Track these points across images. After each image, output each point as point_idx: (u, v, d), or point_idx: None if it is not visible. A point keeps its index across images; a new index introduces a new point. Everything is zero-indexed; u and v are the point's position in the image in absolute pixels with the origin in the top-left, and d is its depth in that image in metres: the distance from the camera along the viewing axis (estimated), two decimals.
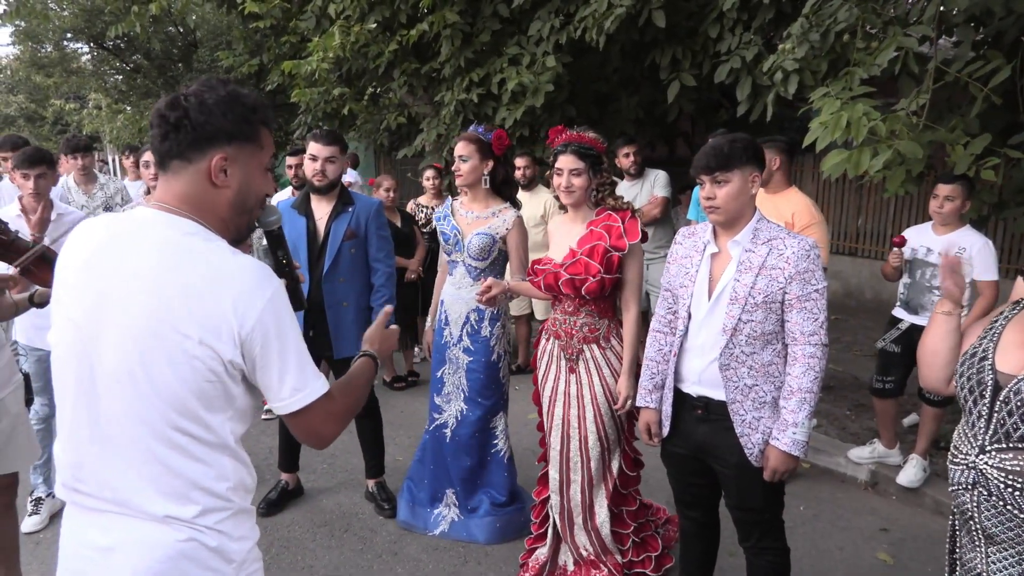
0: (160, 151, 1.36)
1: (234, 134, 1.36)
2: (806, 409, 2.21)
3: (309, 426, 1.41)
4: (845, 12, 4.16)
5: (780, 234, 2.26)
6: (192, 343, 1.27)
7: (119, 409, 1.30)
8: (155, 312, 1.27)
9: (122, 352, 1.29)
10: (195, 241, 1.33)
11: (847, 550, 3.35)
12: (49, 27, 11.69)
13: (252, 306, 1.30)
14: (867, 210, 7.75)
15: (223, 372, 1.31)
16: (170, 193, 1.37)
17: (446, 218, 3.34)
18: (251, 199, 1.44)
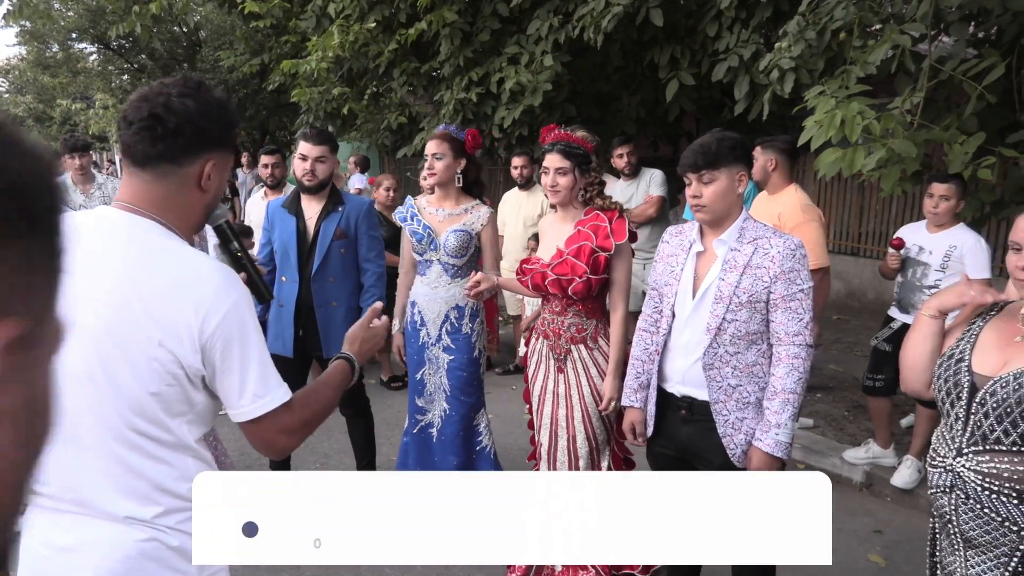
0: (147, 153, 1.32)
1: (222, 141, 1.38)
2: (789, 410, 2.19)
3: (265, 435, 1.38)
4: (842, 10, 4.14)
5: (766, 233, 2.24)
6: (152, 346, 1.27)
7: (81, 410, 1.29)
8: (116, 313, 1.27)
9: (83, 353, 1.27)
10: (161, 242, 1.33)
11: (840, 552, 3.32)
12: (54, 28, 11.76)
13: (214, 311, 1.29)
14: (869, 210, 7.70)
15: (183, 376, 1.30)
16: (143, 195, 1.35)
17: (413, 218, 3.31)
18: (217, 201, 1.47)
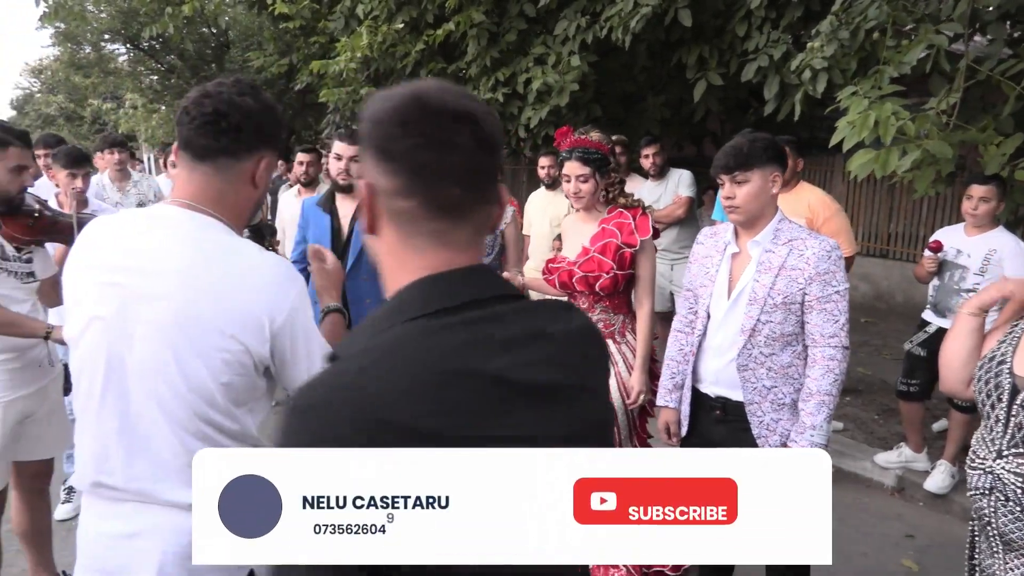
0: (209, 147, 1.37)
1: (273, 141, 1.45)
2: (825, 412, 2.18)
3: None
4: (875, 10, 4.10)
5: (801, 234, 2.23)
6: (224, 338, 1.31)
7: (149, 402, 1.33)
8: (186, 307, 1.31)
9: (153, 346, 1.32)
10: (222, 237, 1.37)
11: (871, 556, 3.30)
12: (87, 29, 11.97)
13: (282, 302, 1.34)
14: (899, 211, 7.62)
15: (251, 366, 1.34)
16: (201, 190, 1.39)
17: None
18: (263, 200, 1.53)
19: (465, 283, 0.88)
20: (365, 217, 0.90)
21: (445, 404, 0.84)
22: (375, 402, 0.81)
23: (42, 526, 2.90)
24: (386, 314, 0.86)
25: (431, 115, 0.84)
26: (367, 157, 0.87)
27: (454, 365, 0.84)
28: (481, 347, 0.85)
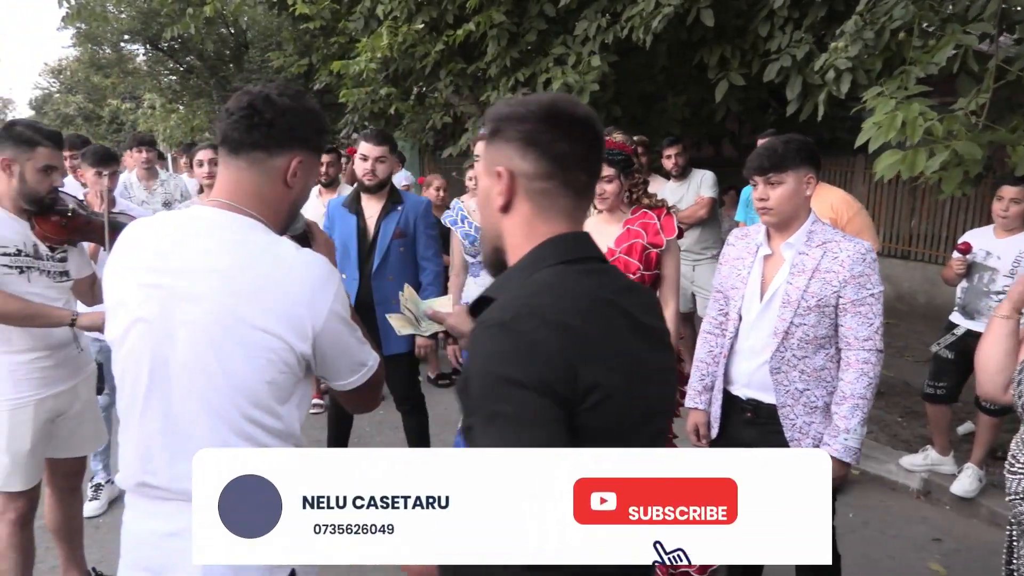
0: (243, 139, 1.40)
1: (312, 143, 1.46)
2: (859, 415, 2.18)
3: (364, 397, 1.54)
4: (901, 9, 4.07)
5: (835, 237, 2.23)
6: (266, 336, 1.32)
7: (193, 402, 1.35)
8: (228, 307, 1.32)
9: (197, 346, 1.33)
10: (261, 237, 1.39)
11: (898, 559, 3.28)
12: (108, 29, 12.08)
13: (324, 300, 1.36)
14: (921, 212, 7.56)
15: (294, 363, 1.36)
16: (238, 186, 1.41)
17: (464, 220, 3.33)
18: (301, 203, 1.53)
19: (580, 243, 1.15)
20: (501, 198, 1.14)
21: (596, 317, 1.06)
22: (553, 310, 1.02)
23: (74, 523, 2.93)
24: (527, 264, 1.12)
25: (565, 117, 1.12)
26: (507, 148, 1.13)
27: (596, 294, 1.09)
28: (607, 287, 1.11)
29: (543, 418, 0.98)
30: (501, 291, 1.10)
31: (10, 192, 2.48)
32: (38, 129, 2.52)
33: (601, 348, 1.04)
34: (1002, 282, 3.52)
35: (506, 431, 0.98)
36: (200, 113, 13.54)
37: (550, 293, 1.05)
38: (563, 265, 1.09)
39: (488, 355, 1.01)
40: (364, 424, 4.46)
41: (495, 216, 1.17)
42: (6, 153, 2.45)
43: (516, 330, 1.00)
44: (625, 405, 1.06)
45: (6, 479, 2.55)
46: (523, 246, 1.14)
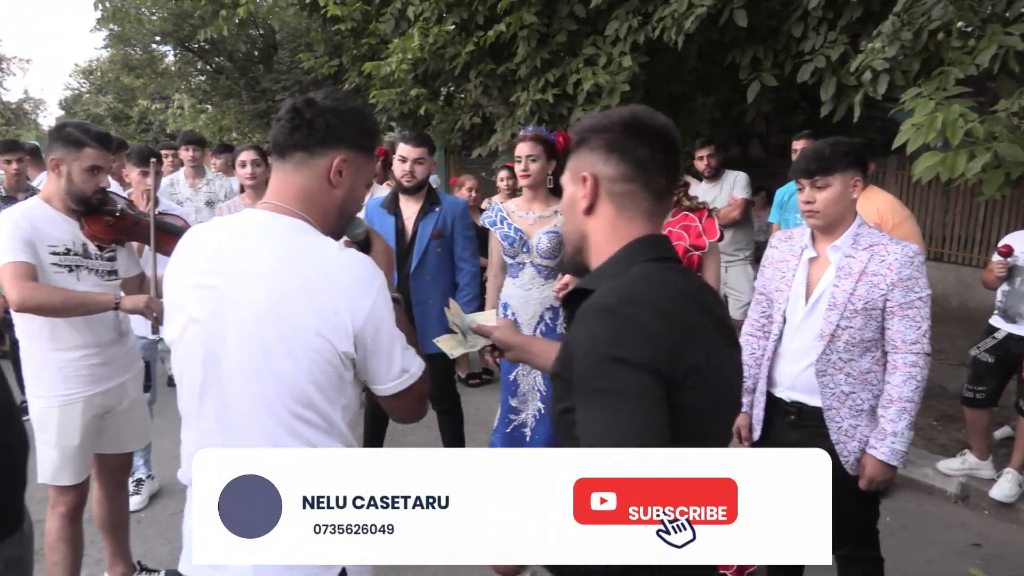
0: (286, 142, 1.45)
1: (356, 142, 1.47)
2: (906, 419, 2.18)
3: (407, 405, 1.51)
4: (940, 9, 4.04)
5: (882, 240, 2.22)
6: (311, 336, 1.34)
7: (244, 400, 1.38)
8: (275, 307, 1.35)
9: (245, 347, 1.37)
10: (306, 238, 1.42)
11: (937, 564, 3.26)
12: (141, 31, 12.27)
13: (364, 299, 1.37)
14: (954, 214, 7.47)
15: (339, 363, 1.38)
16: (286, 188, 1.45)
17: (503, 221, 3.34)
18: (353, 206, 1.54)
19: (664, 244, 1.25)
20: (586, 200, 1.24)
21: (688, 308, 1.16)
22: (654, 299, 1.12)
23: (121, 517, 3.00)
24: (620, 260, 1.21)
25: (645, 126, 1.22)
26: (591, 156, 1.24)
27: (684, 289, 1.19)
28: (690, 284, 1.23)
29: (646, 395, 1.03)
30: (597, 283, 1.19)
31: (59, 192, 2.53)
32: (86, 130, 2.56)
33: (696, 334, 1.13)
34: None
35: (610, 406, 1.03)
36: (229, 113, 13.69)
37: (648, 284, 1.14)
38: (652, 262, 1.20)
39: (594, 337, 1.08)
40: (393, 424, 4.50)
41: (579, 219, 1.26)
42: (55, 153, 2.50)
43: (622, 314, 1.08)
44: (716, 390, 1.15)
45: (56, 473, 2.62)
46: (607, 245, 1.23)
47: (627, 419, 1.02)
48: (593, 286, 1.19)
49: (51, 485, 2.64)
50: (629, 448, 1.01)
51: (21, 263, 2.40)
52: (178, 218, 3.22)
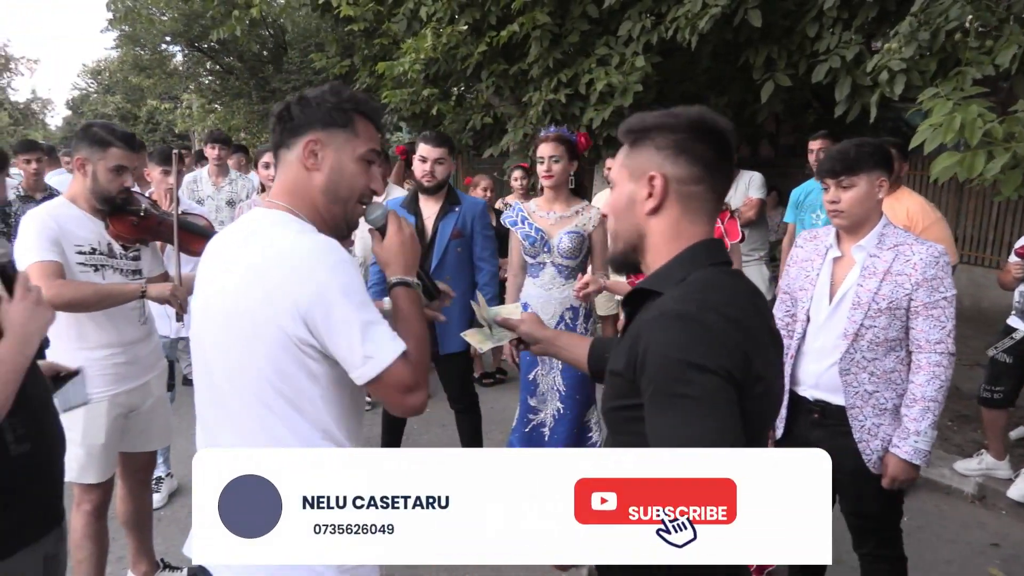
0: (273, 145, 1.51)
1: (326, 121, 1.45)
2: (929, 418, 2.18)
3: (388, 395, 1.38)
4: (957, 9, 4.04)
5: (907, 239, 2.23)
6: (268, 325, 1.34)
7: (227, 384, 1.43)
8: (239, 299, 1.38)
9: (217, 336, 1.43)
10: (277, 230, 1.41)
11: (956, 564, 3.26)
12: (152, 31, 12.33)
13: (309, 279, 1.32)
14: (967, 215, 7.46)
15: (296, 350, 1.34)
16: (277, 185, 1.50)
17: (524, 221, 3.36)
18: (343, 187, 1.47)
19: (720, 248, 1.29)
20: (653, 201, 1.24)
21: (752, 315, 1.20)
22: (726, 306, 1.14)
23: (144, 515, 3.02)
24: (683, 262, 1.23)
25: (712, 127, 1.24)
26: (657, 155, 1.24)
27: (746, 295, 1.24)
28: (747, 288, 1.27)
29: (724, 400, 1.06)
30: (662, 285, 1.21)
31: (84, 191, 2.55)
32: (112, 130, 2.57)
33: (761, 345, 1.17)
34: None
35: (690, 412, 1.05)
36: (239, 113, 13.73)
37: (718, 291, 1.17)
38: (714, 267, 1.22)
39: (672, 342, 1.10)
40: (412, 421, 4.52)
41: (638, 218, 1.26)
42: (81, 153, 2.52)
43: (700, 321, 1.10)
44: (772, 396, 1.19)
45: (81, 471, 2.64)
46: (667, 245, 1.25)
47: (707, 424, 1.04)
48: (658, 288, 1.21)
49: (76, 483, 2.66)
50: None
51: (49, 262, 2.42)
52: (200, 217, 3.24)
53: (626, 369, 1.16)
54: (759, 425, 1.16)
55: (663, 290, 1.19)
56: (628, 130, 1.28)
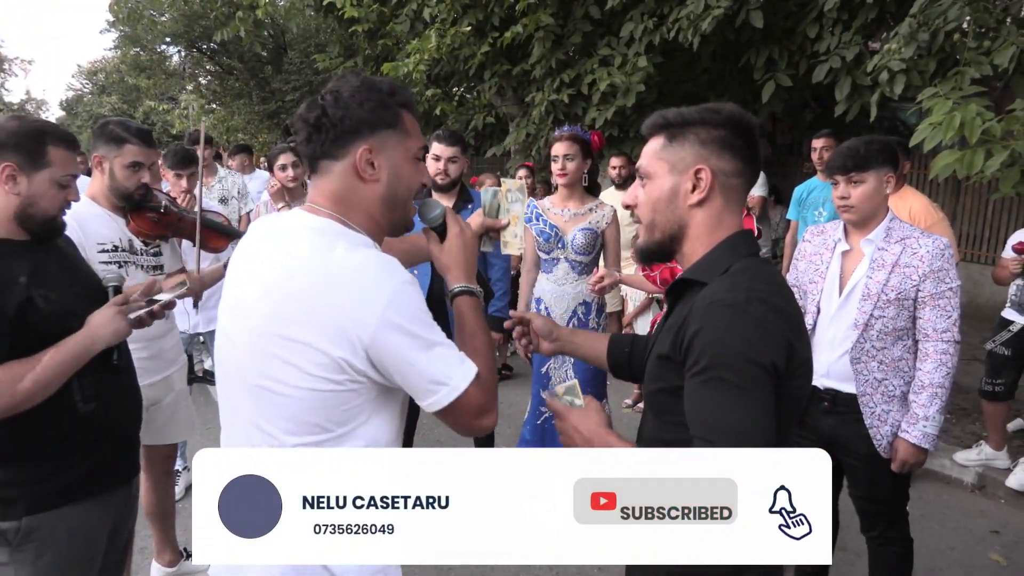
0: (307, 154, 1.33)
1: (375, 123, 1.29)
2: (937, 404, 2.27)
3: (460, 420, 1.28)
4: (956, 11, 4.13)
5: (914, 233, 2.32)
6: (310, 349, 1.21)
7: (247, 414, 1.31)
8: (271, 316, 1.24)
9: (244, 355, 1.29)
10: (322, 241, 1.27)
11: (958, 550, 3.35)
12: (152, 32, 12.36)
13: (370, 309, 1.19)
14: (963, 212, 7.57)
15: (345, 379, 1.22)
16: (319, 192, 1.34)
17: (539, 218, 3.44)
18: (402, 191, 1.35)
19: (754, 239, 1.37)
20: (701, 193, 1.29)
21: (791, 300, 1.28)
22: (771, 296, 1.21)
23: (167, 505, 3.08)
24: (725, 253, 1.29)
25: (748, 125, 1.31)
26: (703, 149, 1.29)
27: (784, 284, 1.32)
28: (781, 277, 1.35)
29: (761, 389, 1.13)
30: (706, 275, 1.27)
31: (103, 189, 2.59)
32: (127, 127, 2.60)
33: (803, 331, 1.25)
34: None
35: (733, 397, 1.12)
36: (239, 114, 13.77)
37: (762, 280, 1.23)
38: (753, 258, 1.30)
39: (723, 329, 1.16)
40: (422, 417, 4.59)
41: (682, 209, 1.31)
42: (99, 151, 2.56)
43: (749, 312, 1.16)
44: (810, 375, 1.26)
45: None
46: (709, 235, 1.31)
47: (748, 413, 1.11)
48: (704, 278, 1.27)
49: None
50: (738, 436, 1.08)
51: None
52: (219, 215, 3.30)
53: (672, 351, 1.22)
54: (802, 402, 1.26)
55: (709, 280, 1.25)
56: (666, 123, 1.31)
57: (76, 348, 1.73)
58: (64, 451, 1.80)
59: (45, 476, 1.79)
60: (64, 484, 1.81)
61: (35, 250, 1.85)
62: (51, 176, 1.83)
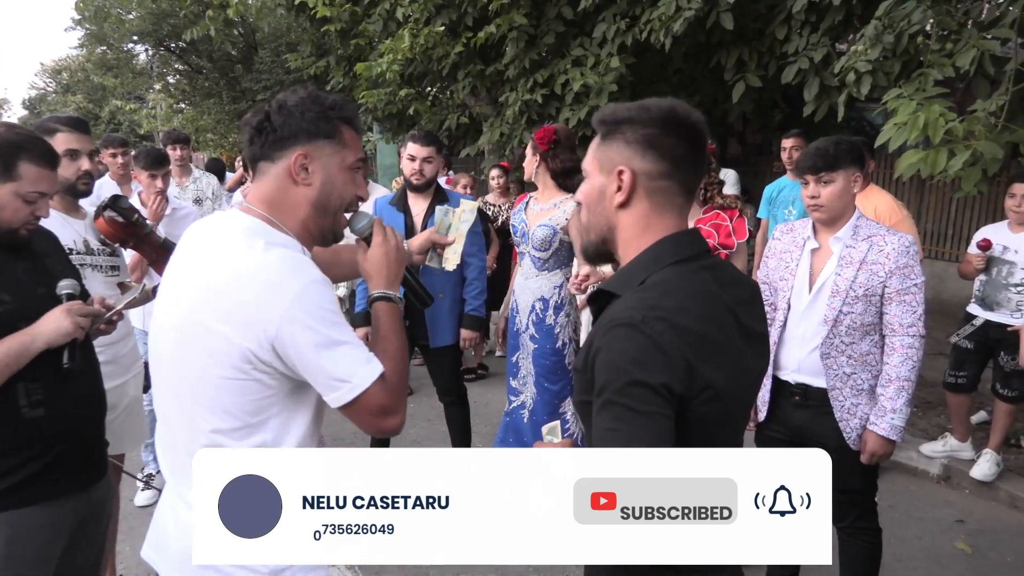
0: (249, 156, 1.43)
1: (313, 132, 1.37)
2: (904, 396, 2.34)
3: (362, 419, 1.35)
4: (919, 14, 4.24)
5: (880, 231, 2.38)
6: (221, 339, 1.29)
7: (170, 399, 1.41)
8: (191, 311, 1.33)
9: (171, 346, 1.38)
10: (244, 239, 1.34)
11: (925, 539, 3.44)
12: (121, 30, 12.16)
13: (275, 305, 1.27)
14: (928, 210, 7.75)
15: (253, 370, 1.30)
16: (255, 194, 1.42)
17: (520, 212, 3.52)
18: (334, 199, 1.43)
19: (693, 240, 1.26)
20: (622, 195, 1.22)
21: (711, 319, 1.18)
22: (676, 314, 1.13)
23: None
24: (647, 262, 1.22)
25: (683, 122, 1.22)
26: (627, 149, 1.22)
27: (711, 293, 1.21)
28: (717, 283, 1.23)
29: (655, 413, 1.06)
30: (622, 287, 1.21)
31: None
32: (57, 118, 2.58)
33: (715, 351, 1.15)
34: (1019, 275, 3.69)
35: (622, 420, 1.07)
36: (209, 114, 13.60)
37: (672, 295, 1.15)
38: (680, 264, 1.20)
39: (616, 351, 1.10)
40: None
41: (608, 211, 1.25)
42: None
43: (644, 332, 1.09)
44: (729, 400, 1.18)
45: None
46: (637, 239, 1.24)
47: (636, 434, 1.05)
48: (618, 290, 1.21)
49: None
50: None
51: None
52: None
53: (583, 368, 1.18)
54: (714, 427, 1.16)
55: (622, 293, 1.19)
56: (601, 121, 1.26)
57: (14, 344, 1.70)
58: (5, 455, 1.77)
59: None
60: (2, 489, 1.77)
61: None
62: (16, 189, 1.82)
